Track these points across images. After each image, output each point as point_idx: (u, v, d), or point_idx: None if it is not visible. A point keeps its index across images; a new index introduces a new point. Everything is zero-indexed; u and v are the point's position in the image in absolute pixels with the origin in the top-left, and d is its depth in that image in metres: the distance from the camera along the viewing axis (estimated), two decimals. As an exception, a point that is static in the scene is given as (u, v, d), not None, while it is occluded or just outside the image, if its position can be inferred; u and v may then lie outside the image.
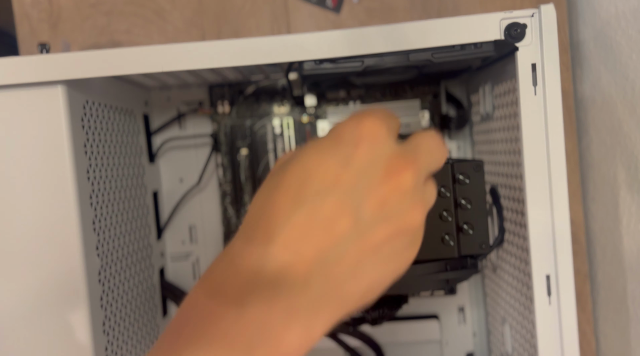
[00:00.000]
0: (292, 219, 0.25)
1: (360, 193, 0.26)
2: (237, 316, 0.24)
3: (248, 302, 0.24)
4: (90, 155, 0.46)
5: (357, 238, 0.26)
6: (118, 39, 0.63)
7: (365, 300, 0.27)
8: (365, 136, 0.27)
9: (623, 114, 0.54)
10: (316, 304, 0.25)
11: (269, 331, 0.23)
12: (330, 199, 0.26)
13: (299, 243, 0.25)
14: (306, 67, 0.43)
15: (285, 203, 0.26)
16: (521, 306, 0.48)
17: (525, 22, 0.41)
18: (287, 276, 0.25)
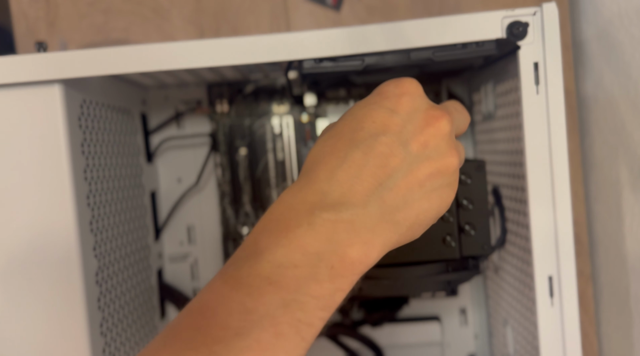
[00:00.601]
0: (349, 158, 0.30)
1: (406, 135, 0.31)
2: (308, 229, 0.27)
3: (316, 220, 0.28)
4: (88, 155, 0.45)
5: (406, 172, 0.31)
6: (116, 37, 0.62)
7: (414, 230, 0.31)
8: (406, 91, 0.32)
9: (626, 114, 0.53)
10: (374, 225, 0.28)
11: (335, 245, 0.27)
12: (382, 139, 0.30)
13: (357, 176, 0.29)
14: (306, 66, 0.42)
15: (342, 146, 0.31)
16: (523, 307, 0.48)
17: (527, 20, 0.41)
18: (348, 202, 0.29)
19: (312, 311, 0.26)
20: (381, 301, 0.61)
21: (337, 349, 0.62)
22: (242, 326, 0.25)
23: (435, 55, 0.42)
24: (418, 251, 0.46)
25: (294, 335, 0.25)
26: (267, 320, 0.25)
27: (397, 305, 0.62)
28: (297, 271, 0.26)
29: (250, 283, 0.26)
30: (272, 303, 0.26)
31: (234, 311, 0.25)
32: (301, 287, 0.26)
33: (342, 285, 0.27)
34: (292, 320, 0.25)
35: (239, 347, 0.24)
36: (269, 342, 0.25)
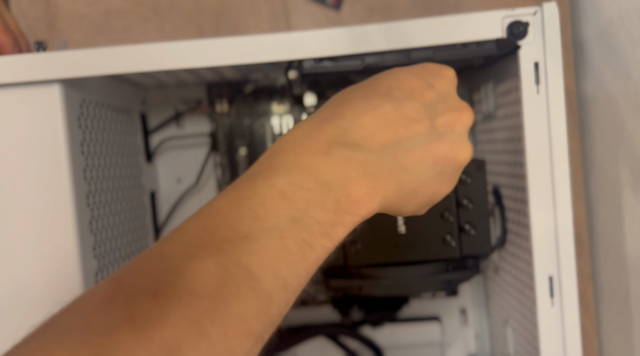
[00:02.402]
0: (380, 108, 0.31)
1: (436, 111, 0.33)
2: (325, 158, 0.28)
3: (333, 152, 0.29)
4: (87, 155, 0.45)
5: (426, 142, 0.32)
6: (115, 37, 0.62)
7: (409, 202, 0.32)
8: (447, 75, 0.34)
9: (626, 113, 0.53)
10: (381, 176, 0.29)
11: (345, 180, 0.28)
12: (415, 104, 0.32)
13: (380, 126, 0.30)
14: (306, 66, 0.42)
15: (376, 96, 0.32)
16: (523, 307, 0.48)
17: (528, 20, 0.41)
18: (365, 145, 0.30)
19: (315, 234, 0.27)
20: (381, 301, 0.61)
21: (337, 349, 0.62)
22: (252, 231, 0.25)
23: (435, 55, 0.42)
24: (418, 250, 0.46)
25: (297, 251, 0.26)
26: (276, 231, 0.26)
27: (397, 304, 0.62)
28: (308, 194, 0.27)
29: (264, 193, 0.27)
30: (283, 216, 0.26)
31: (245, 216, 0.26)
32: (310, 209, 0.27)
33: (344, 220, 0.28)
34: (297, 237, 0.26)
35: (247, 249, 0.25)
36: (275, 252, 0.25)
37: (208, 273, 0.23)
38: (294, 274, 0.26)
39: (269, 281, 0.25)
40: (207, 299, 0.22)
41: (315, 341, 0.62)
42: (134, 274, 0.23)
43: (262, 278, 0.24)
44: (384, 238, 0.46)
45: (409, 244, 0.46)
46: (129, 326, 0.21)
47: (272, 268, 0.25)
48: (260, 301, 0.24)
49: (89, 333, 0.21)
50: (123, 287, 0.23)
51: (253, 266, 0.24)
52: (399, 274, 0.47)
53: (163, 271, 0.23)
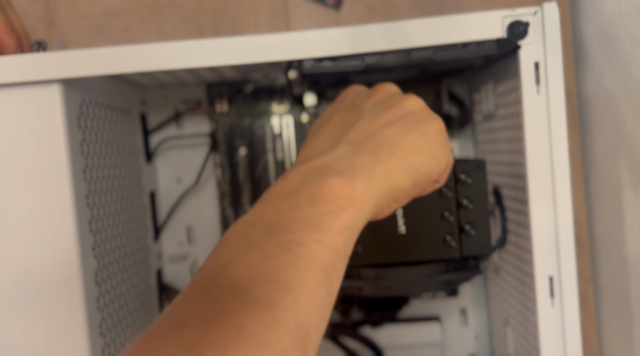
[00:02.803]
0: (317, 133, 0.34)
1: (357, 102, 0.35)
2: (282, 181, 0.29)
3: (289, 173, 0.30)
4: (87, 155, 0.45)
5: (367, 120, 0.33)
6: (115, 37, 0.62)
7: (397, 156, 0.31)
8: (350, 90, 0.39)
9: (627, 113, 0.53)
10: (347, 160, 0.29)
11: (310, 180, 0.28)
12: (338, 113, 0.35)
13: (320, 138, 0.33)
14: (306, 66, 0.42)
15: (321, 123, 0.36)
16: (524, 308, 0.48)
17: (528, 20, 0.41)
18: (316, 153, 0.31)
19: (300, 232, 0.26)
20: (381, 301, 0.61)
21: (337, 349, 0.62)
22: (229, 259, 0.25)
23: (435, 55, 0.42)
24: (418, 251, 0.46)
25: (284, 253, 0.25)
26: (253, 248, 0.25)
27: (397, 305, 0.61)
28: (276, 209, 0.27)
29: (234, 230, 0.27)
30: (256, 235, 0.26)
31: (221, 254, 0.26)
32: (283, 216, 0.26)
33: (328, 208, 0.27)
34: (281, 241, 0.25)
35: (227, 274, 0.24)
36: (258, 263, 0.25)
37: (193, 306, 0.23)
38: (293, 275, 0.25)
39: (262, 288, 0.24)
40: (195, 325, 0.22)
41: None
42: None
43: (250, 288, 0.24)
44: (384, 238, 0.46)
45: (409, 244, 0.46)
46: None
47: (260, 277, 0.24)
48: (259, 309, 0.23)
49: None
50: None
51: (236, 282, 0.24)
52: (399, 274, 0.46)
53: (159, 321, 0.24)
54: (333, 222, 0.26)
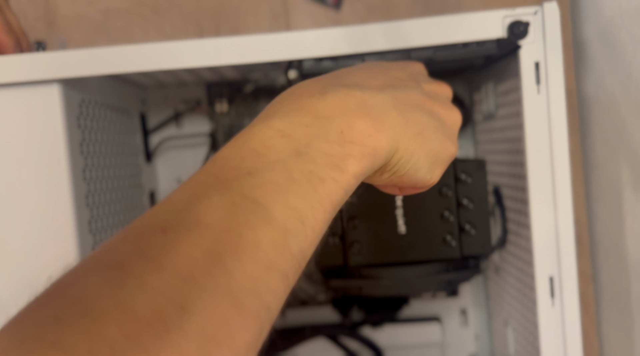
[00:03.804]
0: (369, 69, 0.34)
1: (419, 79, 0.35)
2: (320, 97, 0.28)
3: (328, 90, 0.29)
4: (87, 155, 0.45)
5: (419, 94, 0.33)
6: (115, 37, 0.62)
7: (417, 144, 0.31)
8: (415, 63, 0.39)
9: (627, 113, 0.53)
10: (385, 109, 0.29)
11: (345, 112, 0.28)
12: (399, 70, 0.35)
13: (373, 76, 0.32)
14: (306, 66, 0.42)
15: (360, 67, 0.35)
16: (524, 308, 0.47)
17: (528, 19, 0.41)
18: (361, 85, 0.30)
19: (323, 166, 0.26)
20: (381, 301, 0.61)
21: (337, 350, 0.62)
22: (255, 167, 0.25)
23: (436, 55, 0.42)
24: (418, 250, 0.46)
25: (305, 183, 0.25)
26: (280, 164, 0.25)
27: (397, 305, 0.61)
28: (308, 129, 0.27)
29: (263, 134, 0.26)
30: (285, 150, 0.26)
31: (246, 156, 0.25)
32: (312, 142, 0.26)
33: (352, 151, 0.27)
34: (304, 169, 0.25)
35: (252, 184, 0.24)
36: (282, 184, 0.24)
37: (215, 207, 0.23)
38: (307, 206, 0.25)
39: (280, 211, 0.24)
40: (216, 229, 0.22)
41: (315, 342, 0.62)
42: (143, 218, 0.23)
43: (272, 208, 0.24)
44: (384, 238, 0.46)
45: (409, 244, 0.46)
46: (140, 257, 0.20)
47: (281, 199, 0.24)
48: (274, 230, 0.23)
49: (102, 267, 0.20)
50: (133, 229, 0.22)
51: (260, 197, 0.24)
52: (399, 274, 0.46)
53: (171, 212, 0.23)
54: (352, 166, 0.27)
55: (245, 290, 0.21)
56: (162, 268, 0.20)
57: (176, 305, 0.19)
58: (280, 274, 0.23)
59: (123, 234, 0.22)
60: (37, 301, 0.20)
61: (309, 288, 0.61)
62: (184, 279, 0.20)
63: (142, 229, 0.22)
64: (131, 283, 0.19)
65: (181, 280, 0.20)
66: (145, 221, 0.23)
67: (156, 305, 0.19)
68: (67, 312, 0.18)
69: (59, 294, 0.20)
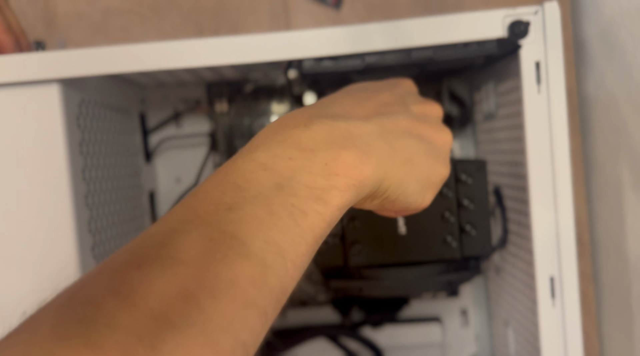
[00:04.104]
0: (356, 95, 0.34)
1: (407, 100, 0.35)
2: (305, 129, 0.28)
3: (313, 122, 0.29)
4: (86, 155, 0.45)
5: (407, 118, 0.33)
6: (114, 36, 0.62)
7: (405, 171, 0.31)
8: (405, 81, 0.39)
9: (627, 113, 0.53)
10: (371, 140, 0.29)
11: (330, 145, 0.28)
12: (387, 93, 0.35)
13: (359, 103, 0.33)
14: (306, 66, 0.42)
15: (350, 92, 0.35)
16: (524, 308, 0.47)
17: (529, 19, 0.40)
18: (347, 115, 0.30)
19: (306, 199, 0.26)
20: (381, 301, 0.61)
21: (337, 350, 0.62)
22: (235, 201, 0.25)
23: (436, 54, 0.42)
24: (419, 251, 0.46)
25: (287, 217, 0.25)
26: (261, 198, 0.25)
27: (397, 305, 0.61)
28: (291, 162, 0.27)
29: (245, 167, 0.26)
30: (266, 184, 0.26)
31: (227, 190, 0.25)
32: (295, 175, 0.26)
33: (337, 183, 0.27)
34: (286, 202, 0.25)
35: (231, 219, 0.24)
36: (262, 218, 0.24)
37: (192, 242, 0.22)
38: (288, 240, 0.24)
39: (260, 246, 0.23)
40: (192, 265, 0.21)
41: (315, 342, 0.62)
42: (119, 253, 0.23)
43: (250, 243, 0.23)
44: (385, 238, 0.46)
45: (409, 244, 0.46)
46: (112, 294, 0.20)
47: (261, 234, 0.24)
48: (252, 266, 0.23)
49: (74, 304, 0.20)
50: (108, 264, 0.22)
51: (239, 232, 0.23)
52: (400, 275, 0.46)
53: (147, 247, 0.23)
54: (336, 198, 0.27)
55: (220, 329, 0.21)
56: (134, 306, 0.20)
57: (146, 345, 0.19)
58: (258, 311, 0.22)
59: (98, 269, 0.22)
60: (10, 337, 0.19)
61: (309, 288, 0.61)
62: (156, 317, 0.20)
63: (118, 264, 0.22)
64: (102, 320, 0.19)
65: (153, 319, 0.19)
66: (121, 256, 0.22)
67: (126, 344, 0.18)
68: (38, 350, 0.18)
69: (32, 330, 0.19)
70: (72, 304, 0.20)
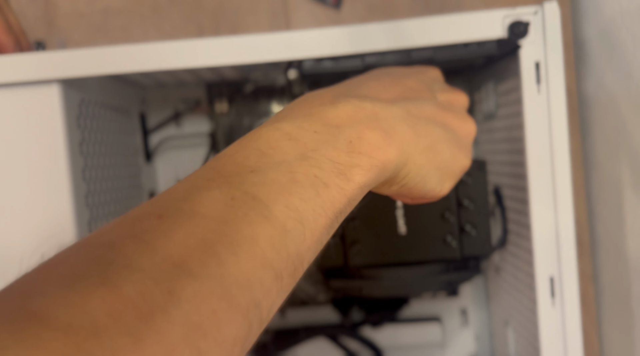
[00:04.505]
0: (382, 80, 0.34)
1: (435, 88, 0.35)
2: (331, 106, 0.28)
3: (340, 100, 0.29)
4: (86, 155, 0.45)
5: (433, 105, 0.33)
6: (114, 36, 0.62)
7: (433, 159, 0.31)
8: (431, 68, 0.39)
9: (627, 113, 0.53)
10: (395, 122, 0.29)
11: (356, 123, 0.28)
12: (413, 79, 0.35)
13: (386, 88, 0.32)
14: (306, 66, 0.42)
15: (375, 75, 0.35)
16: (524, 308, 0.47)
17: (529, 19, 0.41)
18: (373, 97, 0.30)
19: (329, 172, 0.26)
20: (381, 301, 0.61)
21: (337, 350, 0.62)
22: (258, 165, 0.25)
23: (436, 54, 0.42)
24: (419, 251, 0.46)
25: (309, 186, 0.25)
26: (284, 165, 0.25)
27: (397, 305, 0.61)
28: (316, 135, 0.27)
29: (270, 135, 0.26)
30: (290, 153, 0.26)
31: (250, 155, 0.25)
32: (319, 148, 0.26)
33: (360, 162, 0.27)
34: (309, 173, 0.25)
35: (254, 181, 0.24)
36: (284, 184, 0.24)
37: (214, 199, 0.22)
38: (309, 209, 0.24)
39: (281, 210, 0.23)
40: (213, 220, 0.22)
41: (315, 342, 0.62)
42: (141, 206, 0.23)
43: (272, 206, 0.23)
44: (385, 238, 0.46)
45: (409, 244, 0.46)
46: (132, 240, 0.20)
47: (282, 199, 0.24)
48: (273, 228, 0.23)
49: (93, 247, 0.20)
50: (130, 214, 0.22)
51: (261, 195, 0.23)
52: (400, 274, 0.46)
53: (169, 200, 0.23)
54: (358, 176, 0.26)
55: (237, 284, 0.21)
56: (154, 252, 0.20)
57: (164, 289, 0.19)
58: (274, 273, 0.22)
59: (119, 219, 0.22)
60: (27, 275, 0.19)
61: (309, 288, 0.61)
62: (175, 265, 0.20)
63: (139, 214, 0.22)
64: (120, 262, 0.19)
65: (172, 265, 0.19)
66: (142, 208, 0.23)
67: (143, 286, 0.18)
68: (53, 286, 0.18)
69: (48, 270, 0.19)
70: (91, 247, 0.20)
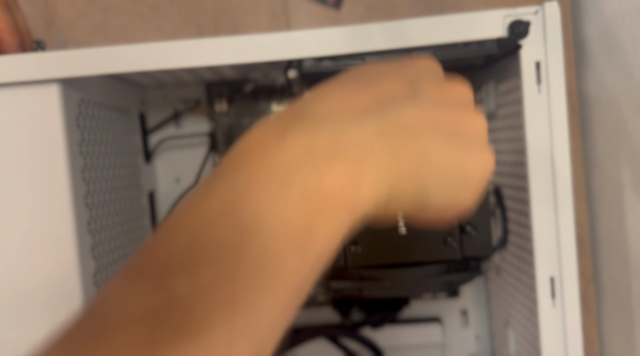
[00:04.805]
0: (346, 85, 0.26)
1: (420, 83, 0.27)
2: (278, 148, 0.22)
3: (288, 135, 0.22)
4: (86, 155, 0.45)
5: (417, 105, 0.25)
6: (114, 36, 0.62)
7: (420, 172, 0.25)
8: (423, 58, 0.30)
9: (628, 113, 0.53)
10: (367, 143, 0.23)
11: (312, 163, 0.22)
12: (388, 79, 0.26)
13: (352, 96, 0.25)
14: (306, 66, 0.42)
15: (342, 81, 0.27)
16: (525, 308, 0.47)
17: (529, 19, 0.40)
18: (334, 115, 0.24)
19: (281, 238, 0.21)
20: (381, 302, 0.61)
21: (337, 350, 0.62)
22: (190, 259, 0.21)
23: (436, 54, 0.42)
24: (419, 251, 0.46)
25: (257, 271, 0.20)
26: (224, 255, 0.20)
27: (397, 306, 0.61)
28: (259, 195, 0.21)
29: (200, 213, 0.22)
30: (230, 231, 0.21)
31: (178, 245, 0.21)
32: (264, 211, 0.21)
33: (322, 214, 0.21)
34: (256, 251, 0.20)
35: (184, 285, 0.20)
36: (227, 291, 0.20)
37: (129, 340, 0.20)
38: (256, 318, 0.20)
39: (219, 336, 0.20)
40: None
41: (315, 343, 0.61)
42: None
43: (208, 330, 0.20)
44: (385, 239, 0.46)
45: (409, 245, 0.46)
46: None
47: (222, 317, 0.20)
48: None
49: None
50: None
51: (196, 309, 0.20)
52: (400, 275, 0.46)
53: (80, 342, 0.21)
54: (322, 235, 0.21)
55: None
56: None
57: None
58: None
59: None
60: None
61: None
62: None
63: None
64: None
65: None
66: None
67: None
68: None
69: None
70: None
